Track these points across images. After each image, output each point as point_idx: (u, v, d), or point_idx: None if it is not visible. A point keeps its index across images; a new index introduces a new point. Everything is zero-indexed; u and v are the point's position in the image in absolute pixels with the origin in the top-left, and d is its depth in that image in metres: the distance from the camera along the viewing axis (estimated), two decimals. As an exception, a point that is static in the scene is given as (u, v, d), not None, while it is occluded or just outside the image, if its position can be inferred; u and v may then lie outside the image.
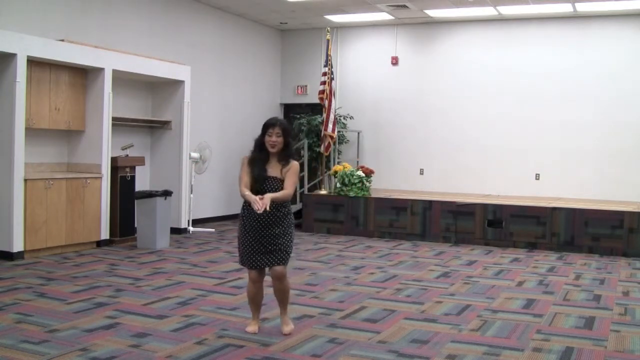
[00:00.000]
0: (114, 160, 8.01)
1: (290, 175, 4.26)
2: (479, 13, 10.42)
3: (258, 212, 4.02)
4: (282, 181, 4.25)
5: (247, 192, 4.16)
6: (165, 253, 7.64)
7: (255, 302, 4.42)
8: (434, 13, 10.56)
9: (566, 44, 10.42)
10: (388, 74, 11.62)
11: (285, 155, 4.29)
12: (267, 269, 4.34)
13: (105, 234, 7.93)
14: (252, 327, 4.42)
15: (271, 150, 4.26)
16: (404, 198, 9.44)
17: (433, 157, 11.29)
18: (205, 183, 10.38)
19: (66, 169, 8.00)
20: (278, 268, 4.28)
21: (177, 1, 9.83)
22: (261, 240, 4.23)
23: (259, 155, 4.28)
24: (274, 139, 4.25)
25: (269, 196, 4.08)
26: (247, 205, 4.25)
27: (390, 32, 11.59)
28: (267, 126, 4.29)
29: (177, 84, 9.17)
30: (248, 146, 4.52)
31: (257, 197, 4.05)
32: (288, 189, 4.24)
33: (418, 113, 11.41)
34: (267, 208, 4.02)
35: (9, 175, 6.80)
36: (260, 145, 4.30)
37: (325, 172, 10.53)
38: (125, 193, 8.15)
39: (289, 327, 4.42)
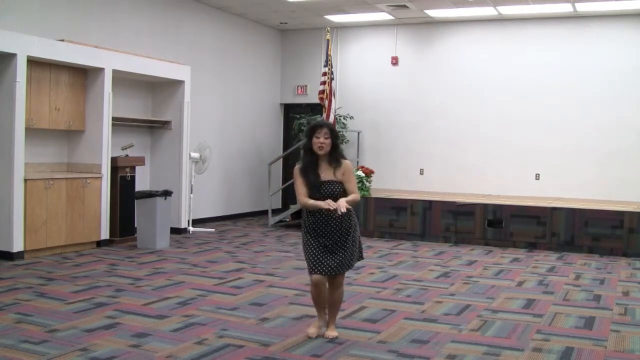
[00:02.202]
0: (114, 160, 8.01)
1: (350, 178, 4.22)
2: (479, 13, 10.42)
3: (338, 213, 4.01)
4: (337, 183, 4.20)
5: (311, 201, 4.13)
6: (165, 253, 7.64)
7: (321, 303, 4.35)
8: (434, 13, 10.56)
9: (566, 44, 10.42)
10: (388, 74, 11.62)
11: (335, 156, 4.23)
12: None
13: (105, 234, 7.93)
14: (314, 329, 4.38)
15: (319, 152, 4.19)
16: (404, 198, 9.44)
17: (433, 157, 11.29)
18: (205, 183, 10.38)
19: (66, 169, 8.00)
20: (339, 277, 4.25)
21: (177, 1, 9.83)
22: (324, 243, 4.18)
23: (309, 161, 4.23)
24: (322, 140, 4.18)
25: (343, 200, 4.06)
26: (311, 213, 4.22)
27: (390, 32, 11.59)
28: (314, 128, 4.22)
29: (177, 84, 9.16)
30: (248, 146, 4.52)
31: (329, 201, 4.04)
32: (356, 193, 4.22)
33: (418, 113, 11.41)
34: (343, 209, 4.01)
35: (9, 175, 6.81)
36: (308, 150, 4.24)
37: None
38: (125, 193, 8.15)
39: (334, 333, 4.36)
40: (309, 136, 4.23)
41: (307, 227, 4.27)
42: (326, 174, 4.22)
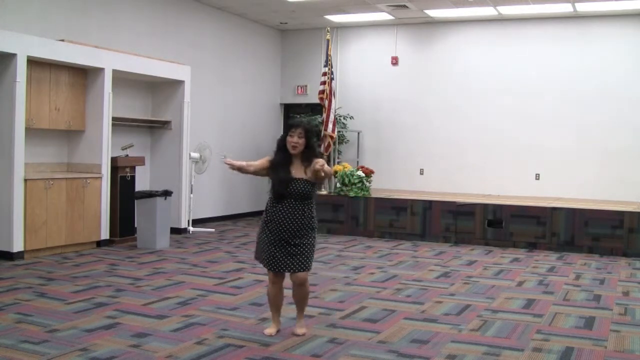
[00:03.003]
0: (114, 160, 8.01)
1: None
2: (479, 13, 10.42)
3: (231, 167, 4.14)
4: (308, 182, 4.19)
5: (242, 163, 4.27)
6: (165, 253, 7.64)
7: (275, 304, 4.38)
8: (434, 13, 10.56)
9: (566, 44, 10.42)
10: (388, 74, 11.62)
11: (308, 156, 4.21)
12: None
13: (105, 234, 7.93)
14: (270, 329, 4.38)
15: (292, 151, 4.19)
16: (404, 198, 9.44)
17: (433, 157, 11.29)
18: (205, 183, 10.38)
19: (66, 169, 8.00)
20: (300, 274, 4.22)
21: (177, 1, 9.83)
22: (282, 239, 4.17)
23: (282, 157, 4.22)
24: (295, 140, 4.17)
25: (326, 166, 4.10)
26: (273, 205, 4.21)
27: (390, 32, 11.59)
28: (290, 127, 4.24)
29: (177, 84, 9.16)
30: (248, 146, 4.53)
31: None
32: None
33: (418, 113, 11.41)
34: (234, 164, 4.15)
35: (9, 175, 6.80)
36: (282, 146, 4.24)
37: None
38: (125, 193, 8.15)
39: (302, 330, 4.38)
40: (285, 133, 4.25)
41: (266, 219, 4.25)
42: (297, 171, 4.21)
